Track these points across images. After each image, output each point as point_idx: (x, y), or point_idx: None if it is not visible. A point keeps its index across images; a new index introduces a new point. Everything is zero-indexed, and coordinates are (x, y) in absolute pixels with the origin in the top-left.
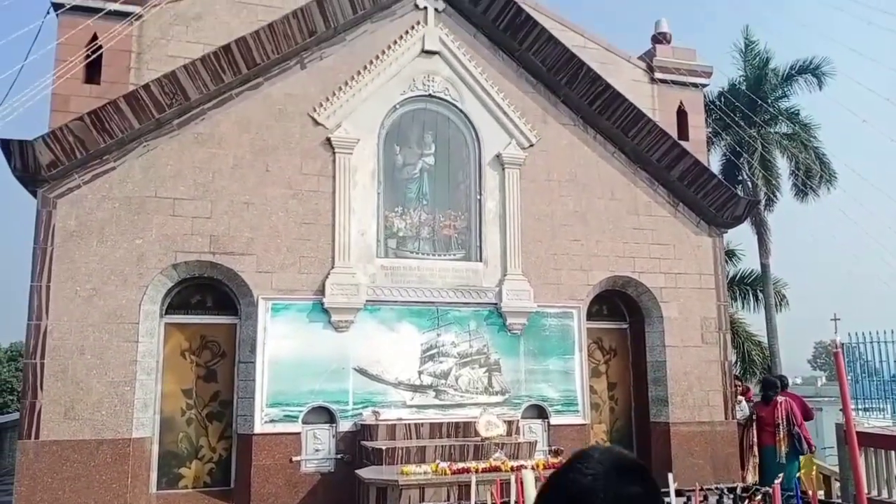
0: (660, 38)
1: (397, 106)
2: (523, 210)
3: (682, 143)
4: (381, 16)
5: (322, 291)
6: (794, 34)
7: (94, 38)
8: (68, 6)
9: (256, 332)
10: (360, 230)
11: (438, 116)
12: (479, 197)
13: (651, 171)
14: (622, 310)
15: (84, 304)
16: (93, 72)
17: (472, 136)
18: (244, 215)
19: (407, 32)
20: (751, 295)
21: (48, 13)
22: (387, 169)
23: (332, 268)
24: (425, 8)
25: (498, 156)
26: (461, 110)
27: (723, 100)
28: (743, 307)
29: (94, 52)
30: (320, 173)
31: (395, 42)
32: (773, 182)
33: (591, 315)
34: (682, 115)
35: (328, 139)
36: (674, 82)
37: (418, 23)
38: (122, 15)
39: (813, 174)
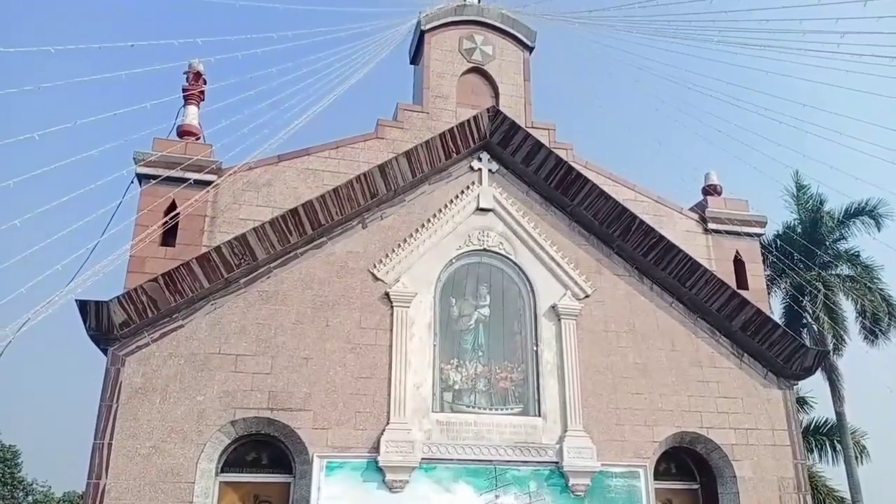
0: (710, 190)
1: (453, 260)
2: (582, 362)
3: (742, 292)
4: (439, 178)
5: (377, 448)
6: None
7: (173, 205)
8: (154, 182)
9: (310, 492)
10: (415, 383)
11: (493, 269)
12: (535, 348)
13: (711, 321)
14: (691, 468)
15: (143, 462)
16: (169, 235)
17: (527, 288)
18: (303, 370)
19: (462, 192)
20: (828, 446)
21: (132, 183)
22: (443, 321)
23: (388, 423)
24: (479, 169)
25: (553, 307)
26: (515, 263)
27: (778, 243)
28: (820, 459)
29: (171, 219)
30: (378, 327)
31: (452, 201)
32: (840, 326)
33: (659, 474)
34: (739, 263)
35: (387, 294)
36: (728, 232)
37: (473, 183)
38: (201, 184)
39: (880, 317)
